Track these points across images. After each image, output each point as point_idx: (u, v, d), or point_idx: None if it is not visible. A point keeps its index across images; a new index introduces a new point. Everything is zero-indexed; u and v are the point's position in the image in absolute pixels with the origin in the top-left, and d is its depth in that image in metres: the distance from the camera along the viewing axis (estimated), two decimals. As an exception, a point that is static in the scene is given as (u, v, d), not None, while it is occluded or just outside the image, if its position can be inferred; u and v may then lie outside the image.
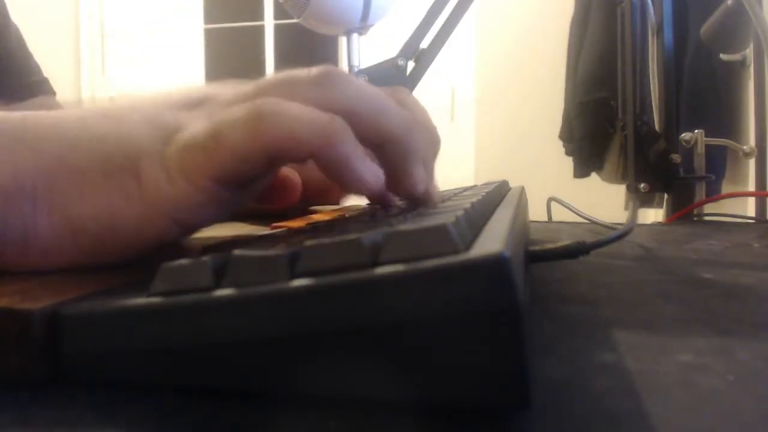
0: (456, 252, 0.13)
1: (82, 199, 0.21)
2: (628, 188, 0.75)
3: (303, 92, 0.22)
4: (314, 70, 0.23)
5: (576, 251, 0.25)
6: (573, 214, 0.63)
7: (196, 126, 0.22)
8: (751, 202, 0.94)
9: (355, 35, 0.89)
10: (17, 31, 0.88)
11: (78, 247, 0.21)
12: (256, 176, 0.22)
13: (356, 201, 0.42)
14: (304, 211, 0.39)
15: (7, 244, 0.21)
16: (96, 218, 0.21)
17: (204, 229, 0.25)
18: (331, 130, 0.21)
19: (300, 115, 0.21)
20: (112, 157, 0.22)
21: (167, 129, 0.23)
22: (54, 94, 0.91)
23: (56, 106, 0.89)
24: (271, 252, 0.14)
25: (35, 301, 0.16)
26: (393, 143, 0.24)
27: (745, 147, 0.81)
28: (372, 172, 0.22)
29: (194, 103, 0.24)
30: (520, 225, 0.24)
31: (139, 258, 0.23)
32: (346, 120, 0.22)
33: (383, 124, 0.24)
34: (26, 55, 0.88)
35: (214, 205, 0.22)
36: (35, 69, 0.89)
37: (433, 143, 0.35)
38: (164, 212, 0.22)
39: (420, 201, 0.26)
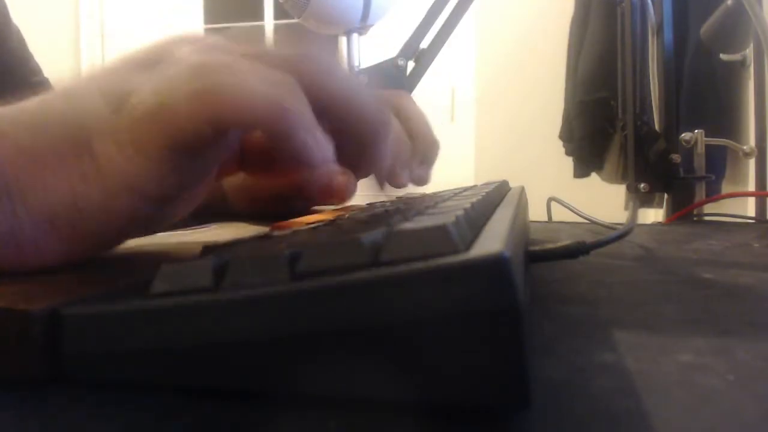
0: (456, 252, 0.13)
1: (45, 187, 0.20)
2: (628, 188, 0.75)
3: (268, 63, 0.21)
4: (286, 49, 0.22)
5: (576, 251, 0.25)
6: (573, 214, 0.63)
7: (144, 92, 0.20)
8: (751, 202, 0.94)
9: (355, 35, 0.89)
10: (18, 31, 0.88)
11: (60, 238, 0.21)
12: (210, 144, 0.20)
13: (355, 201, 0.42)
14: (305, 211, 0.39)
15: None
16: (62, 204, 0.20)
17: (181, 199, 0.23)
18: (280, 99, 0.19)
19: (247, 80, 0.19)
20: (64, 138, 0.21)
21: (114, 95, 0.21)
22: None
23: None
24: (271, 252, 0.14)
25: (35, 301, 0.16)
26: (362, 126, 0.22)
27: (745, 147, 0.81)
28: (320, 141, 0.20)
29: (150, 63, 0.22)
30: (520, 225, 0.24)
31: (126, 240, 0.22)
32: (316, 95, 0.20)
33: (356, 115, 0.22)
34: (27, 56, 0.88)
35: (177, 173, 0.21)
36: (36, 69, 0.89)
37: (432, 146, 0.35)
38: (125, 187, 0.20)
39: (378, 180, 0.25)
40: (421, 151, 0.34)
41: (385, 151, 0.23)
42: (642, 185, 0.74)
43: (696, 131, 0.75)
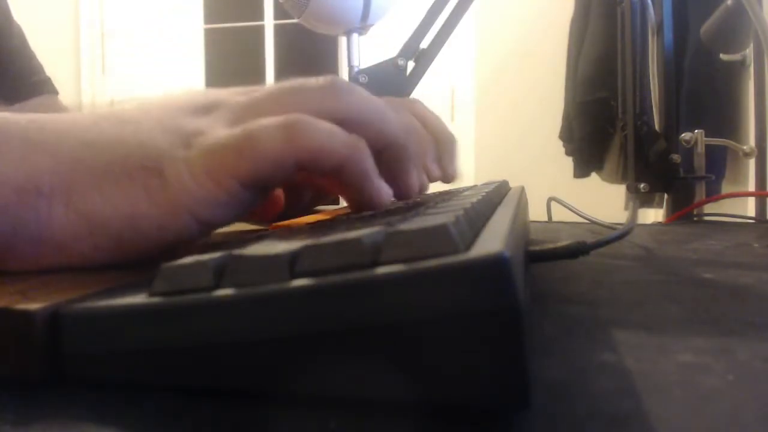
0: (456, 252, 0.13)
1: (102, 199, 0.22)
2: (628, 188, 0.75)
3: (311, 100, 0.24)
4: (320, 80, 0.25)
5: (576, 251, 0.25)
6: (573, 214, 0.63)
7: (220, 130, 0.23)
8: (751, 202, 0.95)
9: (355, 35, 0.89)
10: (20, 30, 0.88)
11: (95, 246, 0.22)
12: (280, 181, 0.23)
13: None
14: (305, 211, 0.39)
15: (21, 242, 0.21)
16: (118, 217, 0.22)
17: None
18: (358, 147, 0.23)
19: (331, 129, 0.23)
20: (132, 157, 0.22)
21: (184, 133, 0.23)
22: (56, 93, 0.91)
23: (59, 105, 0.90)
24: (271, 252, 0.14)
25: (35, 301, 0.16)
26: (393, 147, 0.26)
27: (745, 147, 0.81)
28: (386, 189, 0.25)
29: (205, 108, 0.25)
30: (520, 225, 0.24)
31: (154, 257, 0.23)
32: (357, 129, 0.24)
33: (386, 130, 0.26)
34: (29, 55, 0.88)
35: (235, 205, 0.23)
36: (38, 68, 0.89)
37: (450, 142, 0.37)
38: (187, 210, 0.22)
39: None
40: (445, 149, 0.38)
41: (416, 171, 0.27)
42: (642, 185, 0.74)
43: (696, 131, 0.75)
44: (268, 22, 2.85)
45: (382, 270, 0.13)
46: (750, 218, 0.80)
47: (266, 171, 0.22)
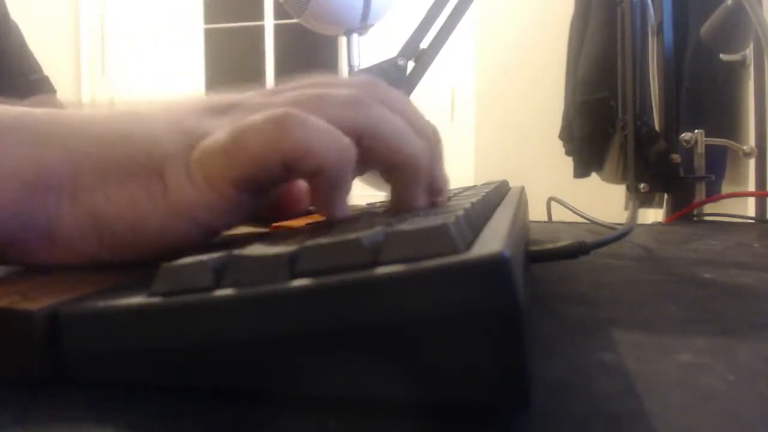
0: (456, 252, 0.13)
1: (107, 198, 0.22)
2: (628, 188, 0.75)
3: (331, 110, 0.23)
4: (345, 91, 0.24)
5: (576, 251, 0.25)
6: (573, 214, 0.63)
7: (220, 132, 0.23)
8: (751, 202, 0.95)
9: (355, 35, 0.89)
10: (17, 29, 0.88)
11: (101, 244, 0.22)
12: (273, 183, 0.23)
13: (355, 201, 0.42)
14: (303, 213, 0.39)
15: (31, 236, 0.21)
16: (120, 217, 0.22)
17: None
18: (345, 155, 0.22)
19: (319, 130, 0.22)
20: (138, 156, 0.22)
21: (192, 134, 0.23)
22: (54, 92, 0.91)
23: (57, 103, 0.90)
24: (271, 252, 0.14)
25: (35, 301, 0.16)
26: (405, 170, 0.25)
27: (745, 147, 0.81)
28: (346, 209, 0.24)
29: (221, 110, 0.25)
30: (520, 225, 0.24)
31: (159, 258, 0.23)
32: (369, 142, 0.23)
33: (403, 156, 0.25)
34: (26, 54, 0.89)
35: (234, 210, 0.22)
36: (35, 67, 0.89)
37: (436, 148, 0.36)
38: (187, 215, 0.22)
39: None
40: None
41: (422, 193, 0.26)
42: (642, 185, 0.74)
43: (696, 131, 0.75)
44: (268, 22, 2.85)
45: (381, 270, 0.13)
46: (750, 218, 0.80)
47: (254, 173, 0.22)
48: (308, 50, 2.69)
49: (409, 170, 0.25)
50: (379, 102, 0.25)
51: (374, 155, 0.24)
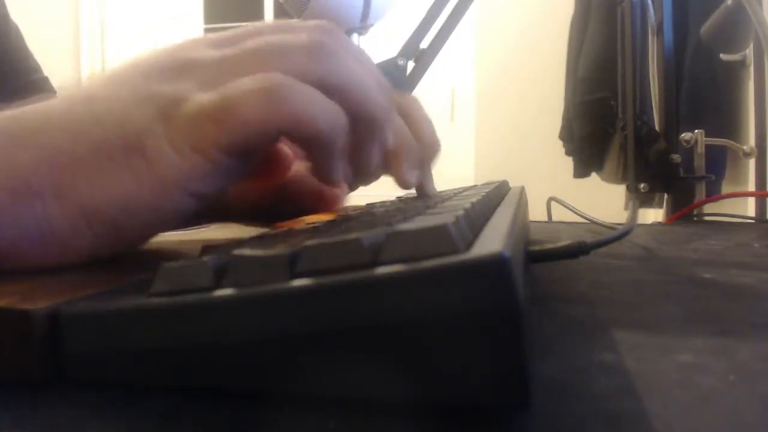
0: (456, 252, 0.13)
1: (91, 186, 0.21)
2: (628, 188, 0.75)
3: (293, 62, 0.23)
4: (306, 37, 0.24)
5: (576, 251, 0.25)
6: (573, 214, 0.63)
7: (200, 97, 0.22)
8: (751, 202, 0.95)
9: (355, 35, 0.89)
10: (17, 29, 0.88)
11: (95, 235, 0.22)
12: (265, 146, 0.23)
13: (355, 201, 0.42)
14: (301, 213, 0.39)
15: (25, 242, 0.21)
16: (109, 202, 0.21)
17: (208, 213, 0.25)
18: (337, 120, 0.22)
19: (313, 96, 0.22)
20: (111, 138, 0.22)
21: (160, 103, 0.22)
22: (54, 92, 0.91)
23: None
24: (271, 252, 0.14)
25: (35, 301, 0.16)
26: (365, 123, 0.25)
27: (745, 147, 0.81)
28: (346, 173, 0.24)
29: (177, 70, 0.24)
30: (520, 225, 0.24)
31: (155, 236, 0.23)
32: (334, 95, 0.23)
33: (364, 106, 0.24)
34: (26, 54, 0.89)
35: (223, 173, 0.22)
36: (35, 67, 0.89)
37: (431, 149, 0.36)
38: (176, 184, 0.22)
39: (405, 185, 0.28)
40: (425, 154, 0.36)
41: (378, 150, 0.26)
42: (642, 185, 0.74)
43: (696, 131, 0.75)
44: (268, 22, 2.84)
45: (381, 270, 0.13)
46: (750, 218, 0.80)
47: (248, 138, 0.21)
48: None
49: (368, 125, 0.25)
50: (343, 50, 0.24)
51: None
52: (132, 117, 0.22)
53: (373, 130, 0.25)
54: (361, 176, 0.27)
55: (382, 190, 0.41)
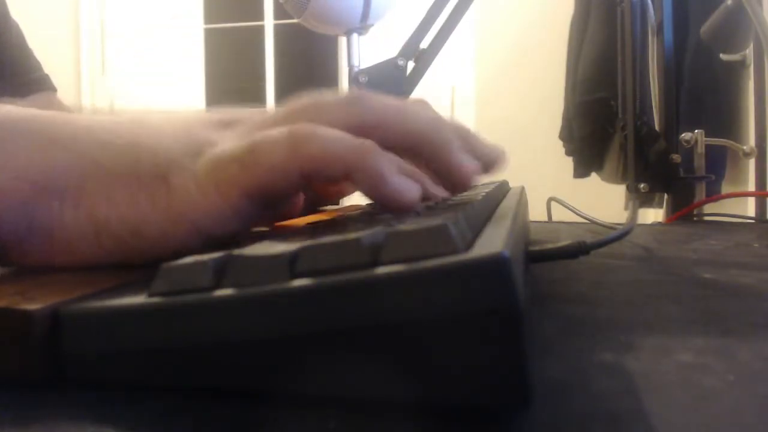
0: (456, 252, 0.13)
1: (109, 202, 0.22)
2: (628, 188, 0.75)
3: (332, 113, 0.24)
4: (341, 95, 0.25)
5: (576, 251, 0.25)
6: (573, 214, 0.63)
7: (229, 143, 0.23)
8: (751, 202, 0.95)
9: (355, 35, 0.89)
10: (17, 27, 0.88)
11: (101, 247, 0.22)
12: (287, 194, 0.23)
13: (355, 201, 0.42)
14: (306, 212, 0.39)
15: (33, 237, 0.21)
16: (122, 221, 0.22)
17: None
18: (365, 150, 0.22)
19: (335, 135, 0.22)
20: (143, 162, 0.22)
21: (199, 143, 0.23)
22: (55, 90, 0.91)
23: (57, 102, 0.90)
24: (271, 252, 0.14)
25: (35, 301, 0.16)
26: (425, 142, 0.25)
27: (745, 147, 0.81)
28: (407, 184, 0.23)
29: (226, 124, 0.25)
30: (520, 225, 0.24)
31: (158, 261, 0.23)
32: (377, 132, 0.23)
33: (411, 127, 0.25)
34: (26, 52, 0.89)
35: (239, 218, 0.23)
36: (35, 66, 0.89)
37: (470, 133, 0.35)
38: (189, 220, 0.22)
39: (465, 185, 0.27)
40: (470, 140, 0.36)
41: (460, 157, 0.26)
42: (642, 185, 0.74)
43: (696, 131, 0.75)
44: (268, 22, 2.85)
45: (381, 270, 0.13)
46: (750, 218, 0.80)
47: (271, 182, 0.22)
48: (308, 50, 2.69)
49: (429, 142, 0.25)
50: (380, 98, 0.25)
51: (391, 142, 0.24)
52: (168, 148, 0.23)
53: (432, 147, 0.25)
54: (463, 184, 0.26)
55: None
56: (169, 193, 0.22)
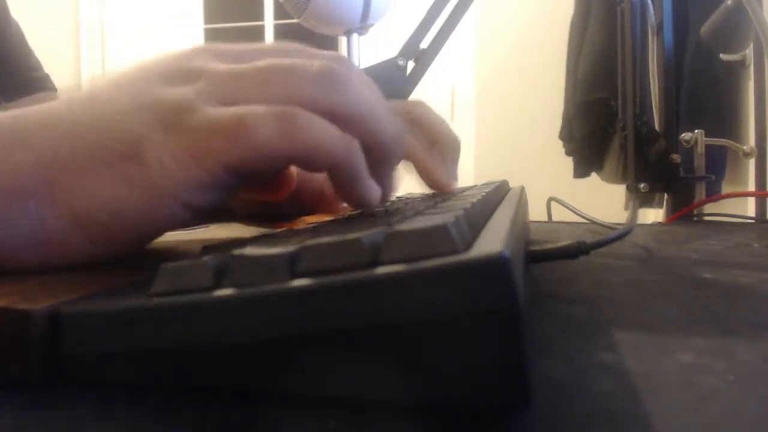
0: (456, 252, 0.13)
1: (84, 191, 0.21)
2: (628, 188, 0.75)
3: (303, 88, 0.23)
4: (317, 66, 0.23)
5: (576, 251, 0.25)
6: (573, 214, 0.63)
7: (211, 110, 0.22)
8: (751, 202, 0.95)
9: (355, 35, 0.89)
10: (17, 27, 0.88)
11: (89, 239, 0.22)
12: (269, 172, 0.23)
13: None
14: (302, 213, 0.39)
15: (20, 242, 0.21)
16: (102, 208, 0.21)
17: (206, 214, 0.25)
18: (352, 148, 0.23)
19: (327, 128, 0.22)
20: (108, 144, 0.21)
21: (161, 107, 0.22)
22: (55, 90, 0.92)
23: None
24: (271, 252, 0.14)
25: (35, 301, 0.16)
26: (380, 150, 0.25)
27: (745, 147, 0.81)
28: (375, 187, 0.24)
29: (183, 77, 0.23)
30: (520, 225, 0.24)
31: (151, 242, 0.23)
32: (348, 127, 0.23)
33: (375, 131, 0.25)
34: (27, 52, 0.89)
35: (218, 188, 0.22)
36: (36, 65, 0.89)
37: (452, 147, 0.37)
38: (170, 193, 0.21)
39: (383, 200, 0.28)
40: (446, 154, 0.37)
41: (392, 173, 0.27)
42: (642, 185, 0.74)
43: (696, 131, 0.75)
44: (268, 22, 2.84)
45: (381, 270, 0.13)
46: (750, 218, 0.80)
47: (257, 161, 0.21)
48: (308, 50, 2.68)
49: (383, 151, 0.25)
50: (353, 76, 0.24)
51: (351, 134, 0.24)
52: (132, 123, 0.22)
53: (386, 157, 0.26)
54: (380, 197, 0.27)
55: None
56: (144, 171, 0.21)
